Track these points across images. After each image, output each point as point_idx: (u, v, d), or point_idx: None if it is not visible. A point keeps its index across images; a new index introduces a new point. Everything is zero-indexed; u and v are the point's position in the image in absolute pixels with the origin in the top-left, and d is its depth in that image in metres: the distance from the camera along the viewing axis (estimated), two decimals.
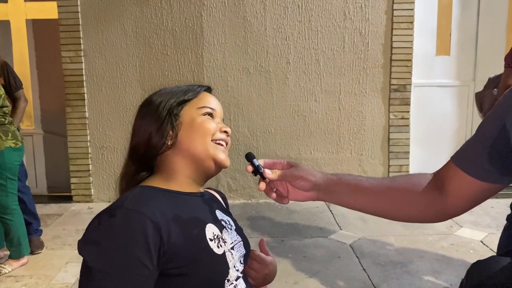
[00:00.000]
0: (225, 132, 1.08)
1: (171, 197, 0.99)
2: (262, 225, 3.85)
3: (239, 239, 1.09)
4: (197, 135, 1.04)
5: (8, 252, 3.11)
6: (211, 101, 1.10)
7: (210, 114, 1.08)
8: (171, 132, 1.03)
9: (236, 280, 1.02)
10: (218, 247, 0.99)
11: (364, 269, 3.00)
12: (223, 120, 1.13)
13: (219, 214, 1.09)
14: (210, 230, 1.00)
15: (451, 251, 3.24)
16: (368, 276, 2.89)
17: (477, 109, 3.65)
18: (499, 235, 1.49)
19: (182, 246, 0.92)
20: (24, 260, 3.12)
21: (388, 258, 3.15)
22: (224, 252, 1.00)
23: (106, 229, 0.89)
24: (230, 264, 1.01)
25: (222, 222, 1.07)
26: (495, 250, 3.03)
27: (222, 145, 1.07)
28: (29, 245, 3.16)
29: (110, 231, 0.88)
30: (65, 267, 3.06)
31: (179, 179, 1.05)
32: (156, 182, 1.03)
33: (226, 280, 0.99)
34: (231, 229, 1.08)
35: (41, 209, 4.25)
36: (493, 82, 3.43)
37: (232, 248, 1.04)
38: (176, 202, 0.99)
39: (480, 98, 3.56)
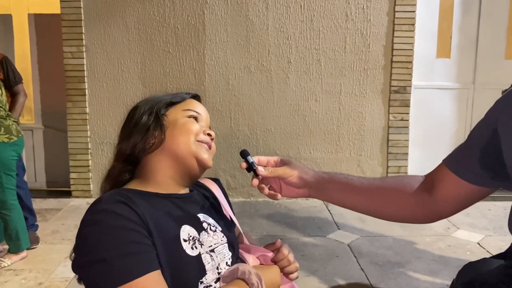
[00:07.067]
0: (209, 135, 1.08)
1: (148, 198, 0.99)
2: (260, 224, 3.87)
3: (224, 240, 1.08)
4: (179, 134, 1.05)
5: (7, 246, 3.12)
6: (197, 106, 1.12)
7: (195, 118, 1.09)
8: (159, 132, 1.05)
9: (214, 282, 1.01)
10: (192, 248, 0.98)
11: (362, 268, 3.02)
12: (210, 128, 1.12)
13: (202, 216, 1.07)
14: (186, 231, 0.99)
15: (448, 253, 3.26)
16: (366, 276, 2.91)
17: None
18: (496, 237, 1.50)
19: (155, 243, 0.93)
20: (23, 254, 3.13)
21: (385, 258, 3.17)
22: (199, 254, 0.99)
23: (96, 243, 0.89)
24: (208, 267, 1.00)
25: (204, 224, 1.05)
26: (492, 252, 3.05)
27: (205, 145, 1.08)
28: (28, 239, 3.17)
29: (101, 240, 0.89)
30: (64, 262, 3.07)
31: (158, 180, 1.04)
32: (133, 185, 1.04)
33: (199, 282, 0.98)
34: (214, 231, 1.07)
35: (40, 204, 4.27)
36: None
37: (212, 250, 1.03)
38: (152, 202, 0.99)
39: None
